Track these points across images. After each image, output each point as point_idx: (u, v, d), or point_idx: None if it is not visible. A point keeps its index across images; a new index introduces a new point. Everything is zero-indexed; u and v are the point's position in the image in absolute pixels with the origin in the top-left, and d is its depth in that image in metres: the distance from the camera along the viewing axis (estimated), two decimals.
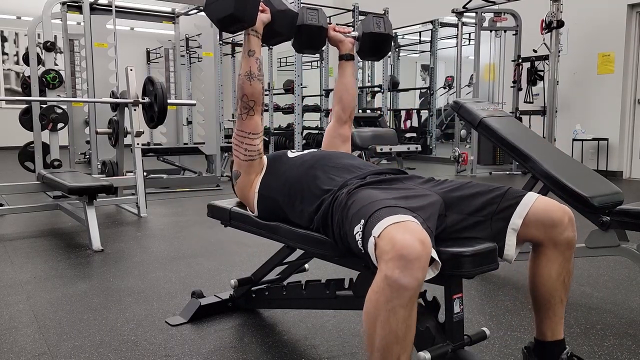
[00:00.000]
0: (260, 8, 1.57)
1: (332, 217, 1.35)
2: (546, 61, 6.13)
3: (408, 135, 10.03)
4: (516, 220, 1.30)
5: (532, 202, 1.31)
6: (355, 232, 1.19)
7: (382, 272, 1.05)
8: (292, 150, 1.73)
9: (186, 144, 7.30)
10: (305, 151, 1.70)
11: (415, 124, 10.19)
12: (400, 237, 1.05)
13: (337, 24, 1.94)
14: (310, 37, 1.82)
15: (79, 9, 5.24)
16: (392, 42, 1.94)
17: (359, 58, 1.96)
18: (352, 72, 1.93)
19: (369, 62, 10.25)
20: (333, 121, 1.95)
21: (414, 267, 1.02)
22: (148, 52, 12.08)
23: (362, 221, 1.17)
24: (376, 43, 1.88)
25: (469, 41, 8.57)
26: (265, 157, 1.71)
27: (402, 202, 1.22)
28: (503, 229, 1.31)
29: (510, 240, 1.31)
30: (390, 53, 9.38)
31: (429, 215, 1.23)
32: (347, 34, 1.88)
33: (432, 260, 1.11)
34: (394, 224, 1.09)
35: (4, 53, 11.06)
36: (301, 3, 6.66)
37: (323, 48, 9.38)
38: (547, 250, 1.32)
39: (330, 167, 1.53)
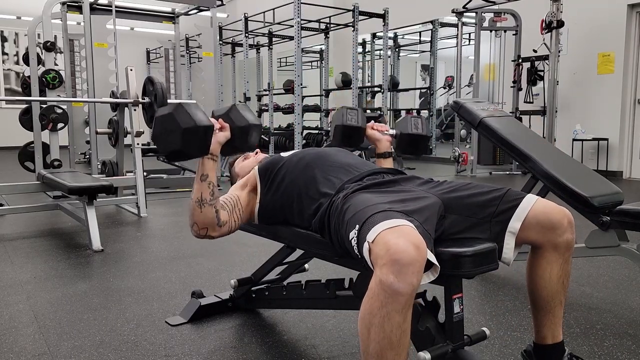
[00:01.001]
0: (217, 126, 1.47)
1: (328, 221, 1.35)
2: (546, 61, 6.13)
3: None
4: (514, 223, 1.30)
5: (531, 205, 1.31)
6: (350, 238, 1.19)
7: (377, 277, 1.05)
8: (284, 153, 1.71)
9: None
10: (298, 149, 1.69)
11: None
12: (394, 242, 1.04)
13: (374, 122, 1.92)
14: (349, 137, 1.85)
15: (79, 9, 5.24)
16: (428, 141, 1.97)
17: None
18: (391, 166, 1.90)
19: (369, 62, 10.26)
20: None
21: (409, 272, 1.02)
22: (148, 52, 12.08)
23: (357, 226, 1.17)
24: (413, 142, 1.91)
25: (469, 41, 8.56)
26: (255, 174, 1.63)
27: (398, 206, 1.21)
28: (501, 232, 1.31)
29: (509, 243, 1.31)
30: (390, 53, 9.38)
31: (427, 217, 1.23)
32: (385, 132, 1.90)
33: (432, 264, 1.10)
34: (388, 228, 1.09)
35: (4, 53, 11.06)
36: (301, 3, 6.66)
37: (323, 48, 9.40)
38: (547, 252, 1.32)
39: (327, 166, 1.52)
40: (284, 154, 1.66)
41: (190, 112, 1.38)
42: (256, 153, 1.88)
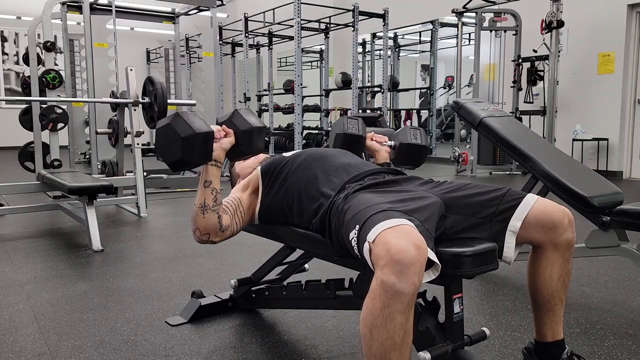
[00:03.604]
0: (221, 134, 1.49)
1: (329, 221, 1.35)
2: (546, 61, 6.13)
3: None
4: (515, 222, 1.30)
5: (532, 204, 1.31)
6: (351, 238, 1.19)
7: (378, 278, 1.04)
8: (287, 153, 1.71)
9: None
10: (300, 150, 1.69)
11: (415, 124, 10.19)
12: (394, 241, 1.04)
13: (373, 133, 1.93)
14: (349, 145, 1.84)
15: (79, 9, 5.24)
16: (427, 152, 1.96)
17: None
18: None
19: (369, 62, 10.26)
20: None
21: (410, 272, 1.01)
22: (148, 52, 12.08)
23: (357, 226, 1.17)
24: (412, 153, 1.91)
25: (469, 41, 8.57)
26: (257, 174, 1.63)
27: (399, 206, 1.21)
28: (502, 231, 1.31)
29: (509, 242, 1.31)
30: (390, 53, 9.38)
31: (427, 217, 1.23)
32: (384, 143, 1.91)
33: (432, 262, 1.10)
34: (389, 228, 1.08)
35: (4, 53, 11.06)
36: (301, 3, 6.67)
37: (323, 48, 9.40)
38: (547, 252, 1.32)
39: (328, 166, 1.53)
40: (286, 154, 1.66)
41: (188, 121, 1.38)
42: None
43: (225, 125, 1.52)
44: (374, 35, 9.82)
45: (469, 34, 8.51)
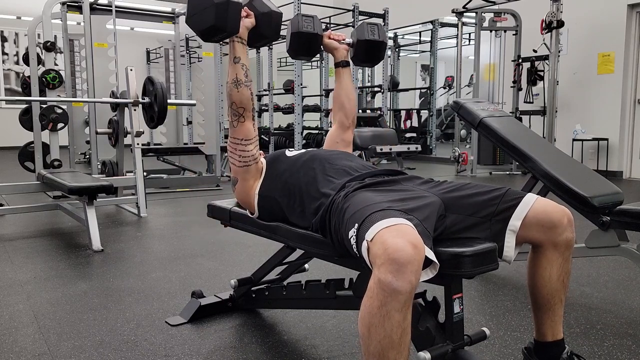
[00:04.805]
0: (243, 13, 1.57)
1: (329, 221, 1.35)
2: (546, 61, 6.13)
3: (408, 135, 10.04)
4: (515, 221, 1.30)
5: (531, 203, 1.31)
6: (350, 236, 1.19)
7: (376, 277, 1.05)
8: (290, 149, 1.72)
9: (186, 144, 7.30)
10: (303, 150, 1.70)
11: (415, 124, 10.19)
12: (391, 240, 1.04)
13: (332, 30, 1.94)
14: (305, 44, 1.82)
15: (79, 9, 5.24)
16: (385, 48, 1.94)
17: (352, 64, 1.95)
18: (350, 78, 1.94)
19: None
20: (335, 127, 1.95)
21: (407, 271, 1.02)
22: (148, 52, 12.07)
23: (356, 225, 1.17)
24: (370, 50, 1.88)
25: (469, 41, 8.57)
26: (263, 160, 1.70)
27: (398, 205, 1.22)
28: (502, 230, 1.31)
29: (509, 241, 1.31)
30: (390, 53, 9.38)
31: (426, 216, 1.23)
32: (342, 41, 1.89)
33: (431, 261, 1.11)
34: (386, 227, 1.09)
35: (4, 53, 11.06)
36: (301, 3, 6.67)
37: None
38: (547, 251, 1.33)
39: (328, 168, 1.53)
40: (288, 153, 1.68)
41: None
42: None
43: (247, 7, 1.60)
44: None
45: (469, 34, 8.51)
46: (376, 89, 9.00)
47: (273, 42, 9.18)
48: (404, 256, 1.02)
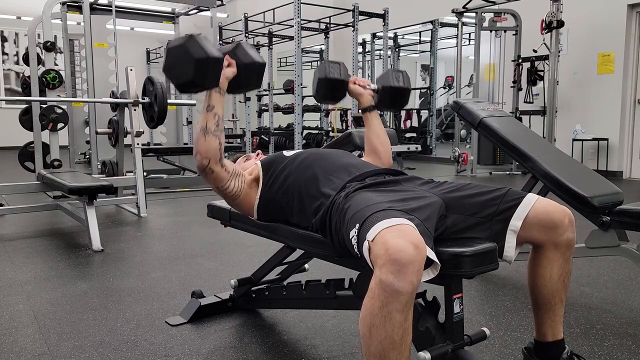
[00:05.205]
0: (225, 63, 1.51)
1: (330, 221, 1.35)
2: (546, 61, 6.13)
3: (408, 135, 10.04)
4: (516, 221, 1.30)
5: (532, 203, 1.31)
6: (351, 237, 1.19)
7: (377, 277, 1.04)
8: (288, 150, 1.72)
9: (186, 144, 7.30)
10: (302, 150, 1.69)
11: (415, 124, 10.19)
12: (393, 241, 1.04)
13: (354, 78, 1.91)
14: (331, 90, 1.84)
15: (79, 9, 5.24)
16: (409, 94, 1.95)
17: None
18: (379, 120, 1.90)
19: (369, 62, 10.26)
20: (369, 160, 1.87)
21: (408, 271, 1.01)
22: (148, 52, 12.08)
23: (357, 225, 1.17)
24: (395, 96, 1.90)
25: (469, 41, 8.57)
26: (258, 164, 1.66)
27: (399, 205, 1.22)
28: (503, 230, 1.31)
29: (510, 241, 1.31)
30: (390, 53, 9.38)
31: (427, 216, 1.23)
32: (367, 87, 1.90)
33: (432, 261, 1.11)
34: (388, 227, 1.08)
35: (4, 53, 11.06)
36: (301, 3, 6.67)
37: (323, 48, 9.41)
38: (548, 251, 1.33)
39: (328, 167, 1.53)
40: (286, 153, 1.66)
41: (202, 44, 1.43)
42: (257, 155, 1.88)
43: (229, 55, 1.55)
44: (374, 35, 9.82)
45: (469, 34, 8.51)
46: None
47: (272, 45, 9.07)
48: (406, 256, 1.02)
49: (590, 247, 2.05)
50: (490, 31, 7.22)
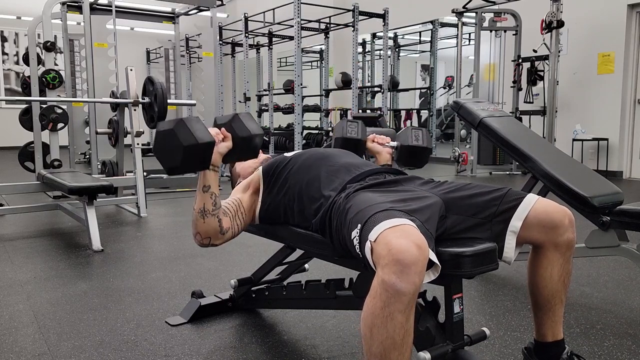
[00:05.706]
0: (219, 137, 1.45)
1: (330, 221, 1.35)
2: (546, 61, 6.13)
3: None
4: (516, 222, 1.30)
5: (532, 204, 1.31)
6: (352, 237, 1.19)
7: (379, 277, 1.04)
8: (288, 152, 1.71)
9: None
10: (301, 150, 1.69)
11: (415, 124, 10.19)
12: (395, 241, 1.04)
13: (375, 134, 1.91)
14: (349, 149, 1.83)
15: (79, 9, 5.24)
16: (430, 153, 1.95)
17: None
18: None
19: (369, 62, 10.26)
20: None
21: (411, 272, 1.01)
22: (148, 52, 12.08)
23: (359, 225, 1.17)
24: (414, 155, 1.90)
25: (469, 41, 8.56)
26: (259, 174, 1.63)
27: (400, 205, 1.21)
28: (503, 231, 1.31)
29: (510, 242, 1.31)
30: (390, 53, 9.38)
31: (428, 217, 1.23)
32: (386, 145, 1.90)
33: (433, 263, 1.10)
34: (390, 228, 1.08)
35: (4, 53, 11.06)
36: (301, 3, 6.66)
37: (323, 48, 9.40)
38: (548, 252, 1.33)
39: (329, 167, 1.53)
40: (287, 154, 1.66)
41: (192, 129, 1.36)
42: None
43: (225, 128, 1.49)
44: (374, 35, 9.82)
45: (469, 34, 8.51)
46: (376, 89, 9.00)
47: (272, 45, 9.07)
48: (409, 257, 1.01)
49: (590, 247, 2.05)
50: (490, 31, 7.22)
